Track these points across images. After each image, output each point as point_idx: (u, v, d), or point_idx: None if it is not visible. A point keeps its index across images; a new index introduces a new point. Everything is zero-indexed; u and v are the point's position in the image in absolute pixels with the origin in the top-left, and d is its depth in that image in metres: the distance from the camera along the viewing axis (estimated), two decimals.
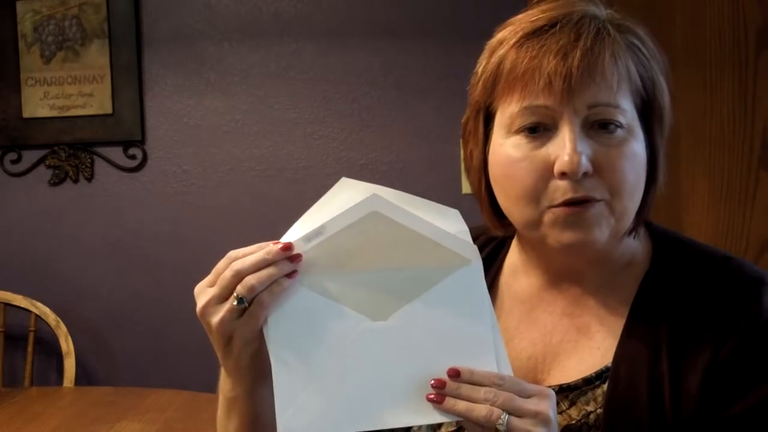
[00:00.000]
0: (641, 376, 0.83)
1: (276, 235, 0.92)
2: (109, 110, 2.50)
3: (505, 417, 0.75)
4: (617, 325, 0.88)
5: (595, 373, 0.87)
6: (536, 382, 0.90)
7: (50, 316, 2.37)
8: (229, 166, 2.49)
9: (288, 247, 0.86)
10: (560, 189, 0.82)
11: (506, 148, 0.85)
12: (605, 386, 0.86)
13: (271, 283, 0.82)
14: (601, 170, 0.82)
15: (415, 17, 2.35)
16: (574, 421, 0.87)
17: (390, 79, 2.39)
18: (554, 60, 0.81)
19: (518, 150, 0.84)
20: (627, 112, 0.83)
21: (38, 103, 2.53)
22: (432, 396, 0.77)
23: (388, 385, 0.78)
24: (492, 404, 0.75)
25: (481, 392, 0.76)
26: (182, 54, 2.48)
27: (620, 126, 0.83)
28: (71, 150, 2.53)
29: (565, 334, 0.91)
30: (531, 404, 0.76)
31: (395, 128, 2.40)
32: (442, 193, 2.32)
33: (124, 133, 2.50)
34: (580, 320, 0.91)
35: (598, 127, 0.83)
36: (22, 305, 2.39)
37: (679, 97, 2.25)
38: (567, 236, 0.83)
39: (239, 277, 0.83)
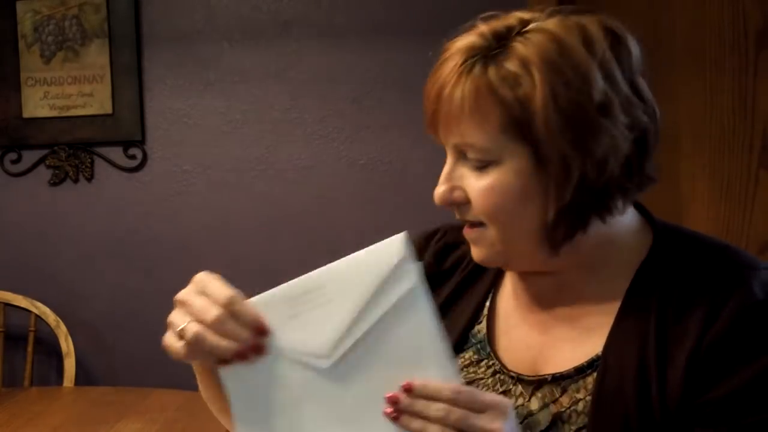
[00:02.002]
0: (629, 364, 0.84)
1: (276, 235, 0.92)
2: (109, 110, 2.50)
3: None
4: (611, 315, 0.88)
5: (586, 362, 0.88)
6: (534, 371, 0.91)
7: (50, 316, 2.37)
8: (229, 166, 2.49)
9: (260, 348, 0.84)
10: (454, 210, 0.91)
11: None
12: (596, 374, 0.87)
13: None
14: (472, 200, 0.87)
15: (415, 17, 2.35)
16: (564, 409, 0.87)
17: (390, 79, 2.39)
18: (428, 100, 0.88)
19: None
20: (486, 148, 0.84)
21: (38, 103, 2.53)
22: (388, 410, 0.78)
23: (347, 423, 0.79)
24: (445, 423, 0.75)
25: (434, 409, 0.76)
26: (182, 54, 2.48)
27: (480, 161, 0.85)
28: (71, 150, 2.53)
29: (561, 325, 0.92)
30: (485, 421, 0.76)
31: (395, 128, 2.40)
32: None
33: (124, 133, 2.50)
34: (575, 311, 0.91)
35: (468, 159, 0.87)
36: (22, 305, 2.39)
37: (679, 97, 2.25)
38: (472, 253, 0.92)
39: (204, 325, 0.87)
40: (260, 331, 0.84)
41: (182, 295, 0.92)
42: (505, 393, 0.91)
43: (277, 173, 2.46)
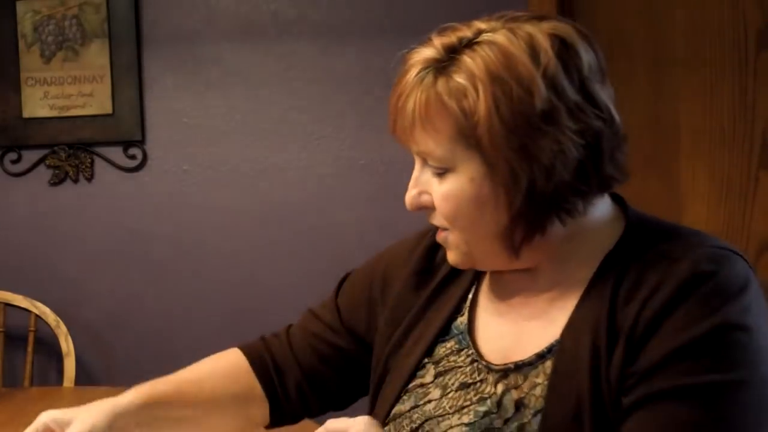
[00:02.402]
0: (584, 347, 0.86)
1: (276, 235, 0.93)
2: (109, 110, 2.50)
3: None
4: (573, 303, 0.91)
5: (546, 347, 0.91)
6: (506, 360, 0.94)
7: (50, 316, 2.37)
8: (229, 166, 2.49)
9: None
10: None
11: None
12: (553, 359, 0.90)
13: None
14: (436, 206, 0.92)
15: (415, 17, 2.35)
16: (524, 394, 0.90)
17: (390, 79, 2.38)
18: (390, 112, 0.96)
19: None
20: (441, 155, 0.89)
21: (38, 103, 2.53)
22: None
23: None
24: None
25: None
26: (182, 54, 2.48)
27: (437, 168, 0.90)
28: (71, 150, 2.53)
29: (529, 314, 0.95)
30: None
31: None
32: None
33: (124, 133, 2.50)
34: (542, 301, 0.95)
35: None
36: (22, 305, 2.39)
37: (679, 96, 2.26)
38: (447, 255, 0.97)
39: None
40: None
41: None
42: (481, 381, 0.95)
43: (277, 173, 2.46)
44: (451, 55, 0.88)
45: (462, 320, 1.01)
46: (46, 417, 0.99)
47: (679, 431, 0.80)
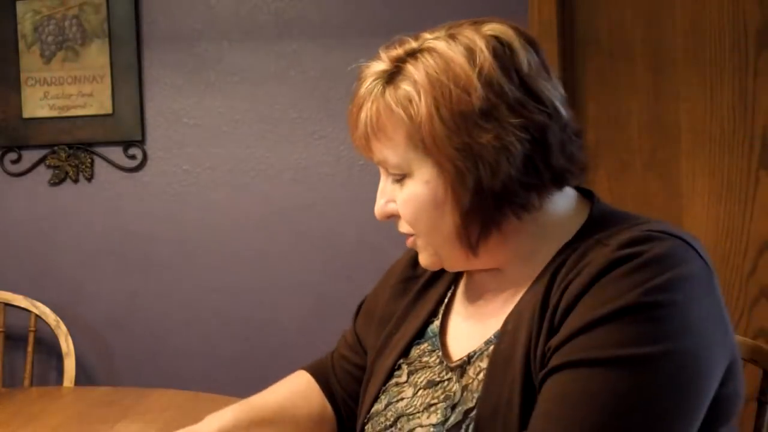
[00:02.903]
0: (522, 331, 0.89)
1: (276, 235, 0.93)
2: (109, 110, 2.50)
3: None
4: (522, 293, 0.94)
5: (493, 334, 0.94)
6: (461, 355, 0.97)
7: (50, 316, 2.36)
8: (229, 166, 2.49)
9: None
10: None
11: None
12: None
13: None
14: (400, 212, 0.95)
15: (415, 17, 2.35)
16: (470, 380, 0.93)
17: None
18: (349, 126, 1.00)
19: None
20: (397, 162, 0.92)
21: (38, 103, 2.53)
22: None
23: None
24: None
25: None
26: (182, 54, 2.48)
27: (395, 175, 0.94)
28: (71, 150, 2.53)
29: (487, 311, 0.98)
30: None
31: None
32: None
33: (124, 133, 2.50)
34: (500, 296, 0.98)
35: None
36: (22, 305, 2.39)
37: (679, 97, 2.26)
38: (419, 259, 0.99)
39: None
40: None
41: None
42: (448, 380, 0.97)
43: (277, 173, 2.46)
44: (398, 65, 0.92)
45: (436, 323, 1.05)
46: None
47: (587, 400, 0.79)
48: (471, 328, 1.00)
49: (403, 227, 0.97)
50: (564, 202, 0.95)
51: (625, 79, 2.26)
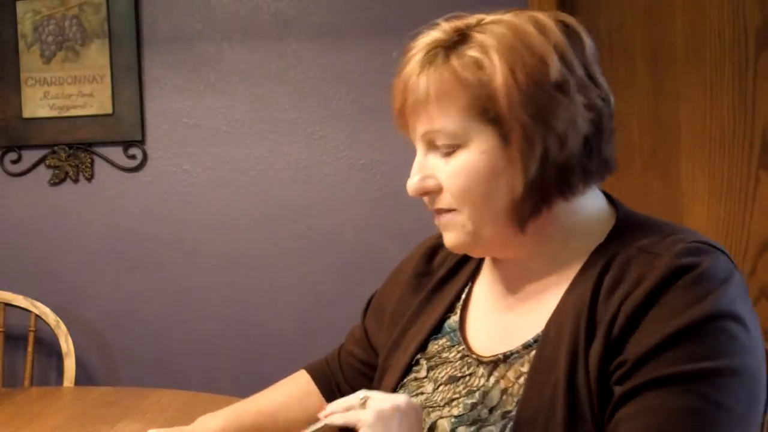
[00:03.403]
0: (565, 338, 0.88)
1: (276, 235, 0.93)
2: (109, 110, 2.50)
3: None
4: (560, 295, 0.93)
5: (532, 338, 0.93)
6: (494, 352, 0.96)
7: (50, 316, 2.36)
8: (229, 166, 2.49)
9: None
10: (426, 201, 0.97)
11: None
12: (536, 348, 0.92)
13: None
14: (443, 186, 0.93)
15: (415, 17, 2.35)
16: (511, 384, 0.93)
17: (390, 79, 2.38)
18: (395, 95, 0.97)
19: None
20: (454, 131, 0.90)
21: (38, 103, 2.53)
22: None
23: None
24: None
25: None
26: (182, 54, 2.48)
27: (448, 146, 0.92)
28: (71, 150, 2.53)
29: (517, 309, 0.98)
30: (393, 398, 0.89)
31: (395, 128, 2.39)
32: None
33: (124, 133, 2.50)
34: (530, 296, 0.97)
35: (437, 148, 0.93)
36: (22, 305, 2.39)
37: (679, 96, 2.26)
38: (445, 240, 0.97)
39: None
40: None
41: None
42: (470, 375, 0.97)
43: (277, 173, 2.46)
44: (462, 33, 0.91)
45: (454, 318, 1.04)
46: None
47: (672, 418, 0.80)
48: (495, 323, 0.99)
49: (443, 202, 0.94)
50: (594, 200, 0.96)
51: (625, 78, 2.26)
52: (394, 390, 1.04)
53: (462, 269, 1.08)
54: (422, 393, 1.00)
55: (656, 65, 2.26)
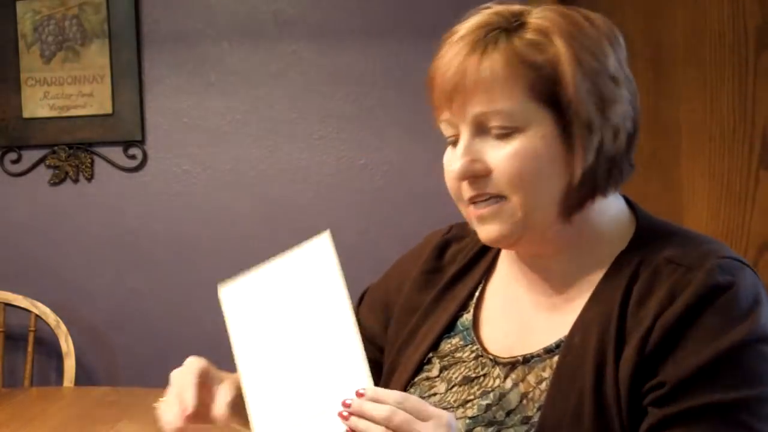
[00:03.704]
0: (590, 345, 0.87)
1: (276, 235, 0.94)
2: (109, 110, 2.50)
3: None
4: (584, 301, 0.92)
5: (554, 343, 0.92)
6: (511, 355, 0.95)
7: (50, 316, 2.37)
8: (229, 166, 2.49)
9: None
10: (465, 190, 0.92)
11: (444, 158, 0.96)
12: (559, 354, 0.91)
13: None
14: (495, 170, 0.89)
15: (414, 17, 2.35)
16: (531, 388, 0.91)
17: (390, 79, 2.39)
18: (447, 75, 0.90)
19: (446, 156, 0.95)
20: (514, 114, 0.88)
21: (38, 103, 2.53)
22: (341, 412, 0.83)
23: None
24: (388, 424, 0.79)
25: (380, 410, 0.80)
26: (182, 54, 2.48)
27: (505, 128, 0.88)
28: (71, 150, 2.53)
29: (538, 312, 0.96)
30: (427, 429, 0.79)
31: (395, 128, 2.39)
32: (441, 192, 2.31)
33: (124, 133, 2.50)
34: (552, 299, 0.95)
35: (489, 131, 0.89)
36: (22, 305, 2.39)
37: (680, 97, 2.26)
38: (483, 232, 0.93)
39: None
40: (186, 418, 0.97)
41: None
42: (484, 375, 0.96)
43: (277, 173, 2.46)
44: (517, 19, 0.90)
45: (467, 317, 1.02)
46: (199, 366, 1.04)
47: None
48: (516, 325, 0.97)
49: (492, 187, 0.90)
50: (616, 202, 0.95)
51: None
52: (405, 388, 1.02)
53: (475, 267, 1.06)
54: (435, 393, 0.99)
55: (656, 65, 2.26)
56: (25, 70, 2.52)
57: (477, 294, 1.04)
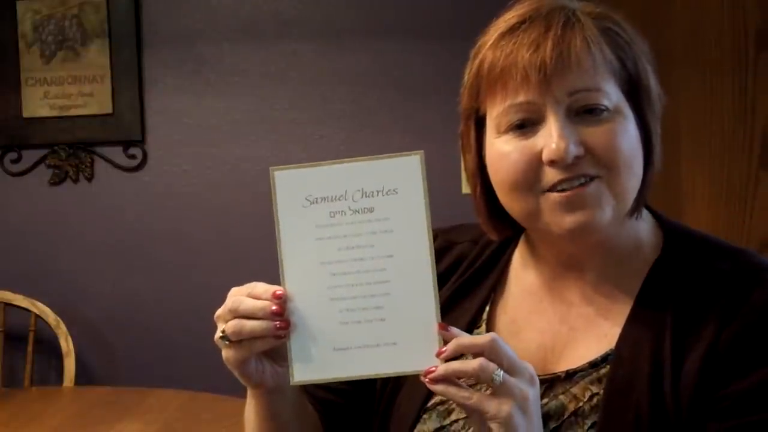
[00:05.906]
0: (643, 358, 0.85)
1: (275, 235, 0.93)
2: (109, 110, 2.50)
3: (500, 371, 0.76)
4: (624, 311, 0.89)
5: (600, 356, 0.88)
6: (546, 371, 0.91)
7: (50, 316, 2.37)
8: (229, 166, 2.49)
9: (279, 312, 0.92)
10: (551, 174, 0.85)
11: (498, 146, 0.88)
12: (609, 367, 0.87)
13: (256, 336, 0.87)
14: (593, 149, 0.84)
15: (414, 17, 2.35)
16: (580, 403, 0.88)
17: (390, 79, 2.39)
18: (527, 54, 0.84)
19: (508, 145, 0.87)
20: (611, 95, 0.86)
21: (38, 102, 2.53)
22: (426, 380, 0.79)
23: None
24: (483, 373, 0.76)
25: (470, 366, 0.77)
26: (182, 54, 2.48)
27: (606, 109, 0.85)
28: (71, 150, 2.53)
29: (573, 323, 0.92)
30: (526, 366, 0.79)
31: (395, 128, 2.39)
32: (441, 193, 2.31)
33: (124, 133, 2.50)
34: (588, 309, 0.92)
35: (583, 112, 0.85)
36: (22, 305, 2.39)
37: (679, 97, 2.26)
38: (568, 220, 0.85)
39: (232, 315, 0.89)
40: (277, 296, 0.93)
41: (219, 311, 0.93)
42: None
43: None
44: (587, 11, 0.90)
45: (480, 332, 0.96)
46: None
47: None
48: (545, 338, 0.93)
49: (587, 167, 0.84)
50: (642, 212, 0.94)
51: None
52: (418, 415, 0.94)
53: (482, 282, 1.00)
54: (456, 420, 0.92)
55: (656, 65, 2.26)
56: (25, 69, 2.52)
57: (488, 308, 0.98)
